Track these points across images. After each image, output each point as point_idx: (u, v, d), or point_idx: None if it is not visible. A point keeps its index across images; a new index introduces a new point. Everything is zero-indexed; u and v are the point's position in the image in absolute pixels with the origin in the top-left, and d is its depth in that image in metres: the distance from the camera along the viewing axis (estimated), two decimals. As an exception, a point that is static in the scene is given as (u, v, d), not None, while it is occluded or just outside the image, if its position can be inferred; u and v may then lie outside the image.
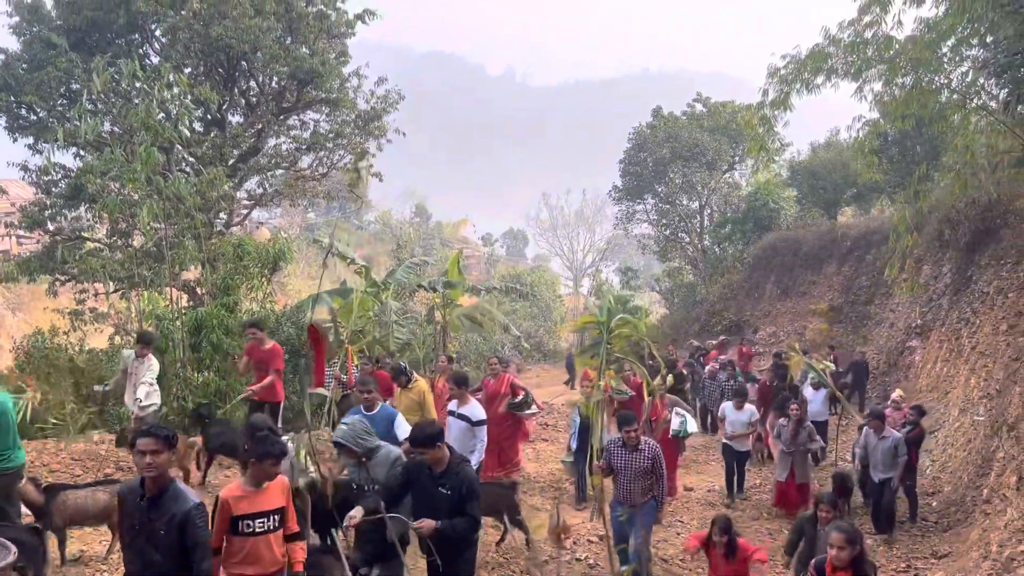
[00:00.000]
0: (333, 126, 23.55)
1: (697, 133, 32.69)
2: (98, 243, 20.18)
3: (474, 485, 5.44)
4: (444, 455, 5.49)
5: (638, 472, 7.35)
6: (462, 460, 5.57)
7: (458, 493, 5.38)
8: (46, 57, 19.07)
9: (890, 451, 10.07)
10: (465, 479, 5.43)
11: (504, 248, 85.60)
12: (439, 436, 5.52)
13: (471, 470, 5.54)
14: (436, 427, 5.65)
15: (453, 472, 5.46)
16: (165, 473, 4.35)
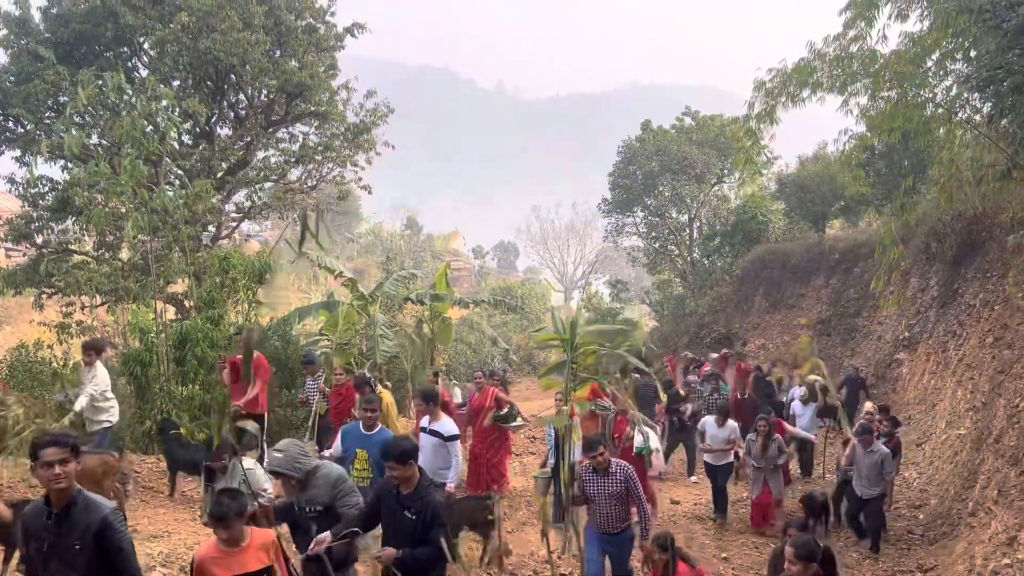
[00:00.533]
0: (322, 139, 23.57)
1: (686, 146, 32.83)
2: (85, 256, 20.10)
3: (439, 511, 5.16)
4: (414, 476, 5.24)
5: (611, 497, 6.98)
6: (431, 484, 5.33)
7: (423, 519, 5.11)
8: (34, 70, 19.03)
9: (876, 466, 9.81)
10: (430, 504, 5.15)
11: (495, 260, 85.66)
12: (413, 454, 5.28)
13: (437, 496, 5.30)
14: (412, 443, 5.42)
15: (419, 496, 5.18)
16: (72, 484, 3.96)
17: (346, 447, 7.02)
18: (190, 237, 17.71)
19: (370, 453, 6.82)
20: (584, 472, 7.14)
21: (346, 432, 7.18)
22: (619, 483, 6.95)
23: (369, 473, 6.79)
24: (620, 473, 6.99)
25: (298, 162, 23.45)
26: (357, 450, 6.95)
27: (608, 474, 6.97)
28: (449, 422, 7.92)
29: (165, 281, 17.25)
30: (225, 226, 23.47)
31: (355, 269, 66.55)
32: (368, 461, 6.85)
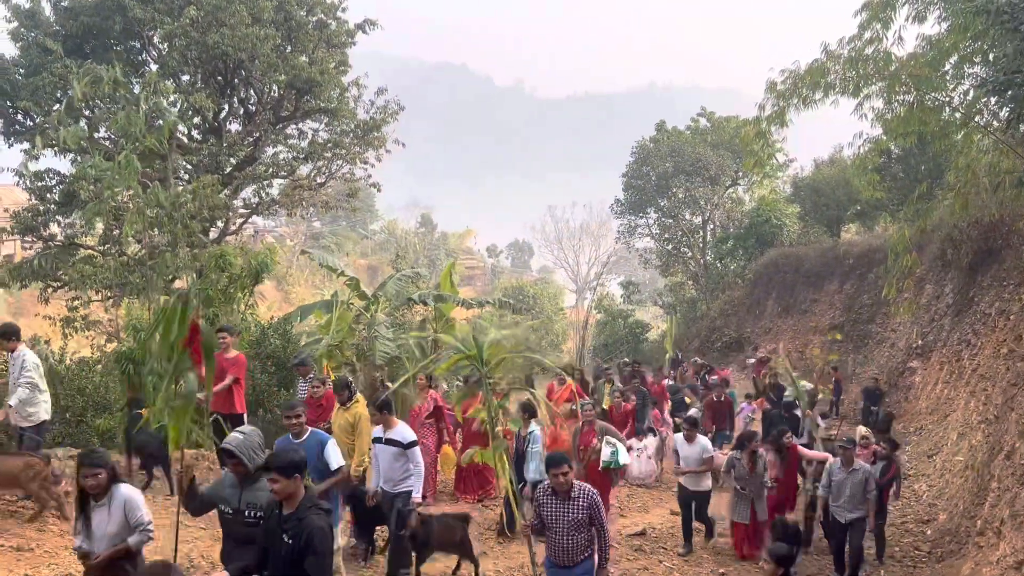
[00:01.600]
0: (332, 136, 23.41)
1: (701, 148, 32.56)
2: (91, 250, 20.02)
3: (315, 539, 4.45)
4: (296, 492, 4.61)
5: (572, 525, 5.92)
6: (313, 506, 4.62)
7: (297, 544, 4.45)
8: (42, 63, 18.98)
9: (859, 485, 8.92)
10: (308, 528, 4.47)
11: (509, 259, 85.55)
12: (300, 466, 4.64)
13: (320, 521, 4.53)
14: (301, 454, 4.78)
15: (298, 517, 4.54)
16: None
17: None
18: (194, 233, 17.61)
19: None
20: (542, 494, 6.11)
21: (277, 446, 6.57)
22: (582, 509, 5.93)
23: (308, 482, 6.53)
24: (585, 499, 5.93)
25: (307, 159, 23.28)
26: None
27: (570, 499, 5.93)
28: (406, 428, 7.54)
29: (171, 277, 17.13)
30: (233, 222, 23.37)
31: (368, 266, 66.82)
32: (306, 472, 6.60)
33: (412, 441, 7.38)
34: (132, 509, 5.26)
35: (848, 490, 8.89)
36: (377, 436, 7.56)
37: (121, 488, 5.31)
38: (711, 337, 28.43)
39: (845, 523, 8.98)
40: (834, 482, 9.04)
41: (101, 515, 5.22)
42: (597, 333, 37.49)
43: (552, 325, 45.61)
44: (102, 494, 5.24)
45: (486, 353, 6.78)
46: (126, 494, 5.31)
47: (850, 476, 8.92)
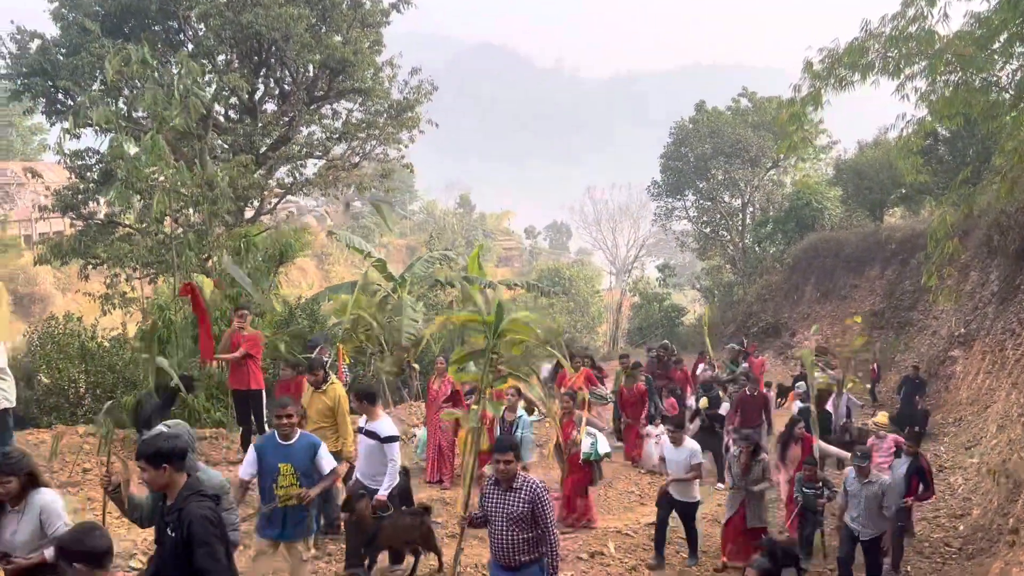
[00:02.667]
0: (366, 116, 23.43)
1: (741, 129, 31.95)
2: (129, 228, 20.33)
3: (196, 528, 4.03)
4: (172, 482, 4.19)
5: (510, 519, 5.35)
6: (191, 495, 4.17)
7: (180, 537, 4.07)
8: (81, 42, 19.26)
9: (875, 499, 7.89)
10: (188, 519, 4.05)
11: (547, 241, 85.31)
12: (169, 455, 4.18)
13: (199, 509, 4.09)
14: (173, 443, 4.28)
15: (177, 508, 4.14)
16: None
17: (264, 463, 5.92)
18: (229, 212, 17.76)
19: (295, 464, 5.87)
20: (488, 484, 5.61)
21: (260, 446, 6.05)
22: (523, 503, 5.34)
23: (299, 488, 5.87)
24: (528, 491, 5.34)
25: (341, 139, 23.37)
26: (278, 464, 5.87)
27: (512, 490, 5.38)
28: (388, 422, 7.03)
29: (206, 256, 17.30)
30: (268, 201, 23.57)
31: (407, 246, 67.02)
32: (295, 475, 5.87)
33: (390, 436, 6.87)
34: (50, 517, 4.79)
35: (863, 503, 7.95)
36: (359, 427, 7.19)
37: (40, 494, 4.83)
38: (747, 322, 27.97)
39: (858, 539, 8.05)
40: (849, 493, 8.14)
41: (12, 522, 4.74)
42: (632, 316, 37.20)
43: (588, 308, 45.39)
44: (16, 500, 4.77)
45: (503, 324, 6.33)
46: (44, 501, 4.83)
47: (865, 488, 7.96)
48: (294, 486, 5.82)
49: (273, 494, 5.85)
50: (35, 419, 11.40)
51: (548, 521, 5.37)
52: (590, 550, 8.20)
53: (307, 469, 5.87)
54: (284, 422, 5.89)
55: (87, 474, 8.78)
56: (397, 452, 6.90)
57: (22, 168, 37.29)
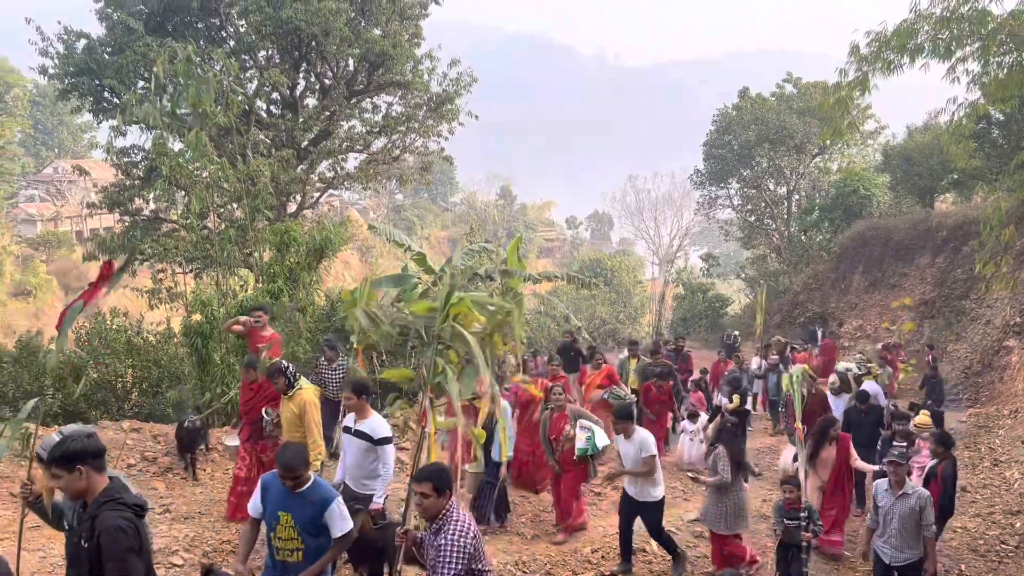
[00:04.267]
0: (406, 109, 23.47)
1: (786, 115, 31.31)
2: (174, 224, 20.67)
3: (104, 540, 3.59)
4: (89, 487, 3.73)
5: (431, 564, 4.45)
6: (107, 502, 3.70)
7: (91, 547, 3.63)
8: (126, 41, 19.59)
9: (911, 516, 6.56)
10: (98, 529, 3.61)
11: (588, 231, 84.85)
12: (81, 455, 3.72)
13: (112, 519, 3.63)
14: (84, 441, 3.82)
15: (90, 516, 3.69)
16: None
17: (266, 504, 5.00)
18: (271, 207, 17.92)
19: (296, 517, 4.88)
20: None
21: (266, 483, 5.07)
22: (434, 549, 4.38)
23: (300, 544, 4.88)
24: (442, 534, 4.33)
25: (381, 132, 23.44)
26: (279, 513, 4.90)
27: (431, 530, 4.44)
28: (380, 422, 6.46)
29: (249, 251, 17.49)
30: (310, 196, 23.77)
31: (449, 238, 67.25)
32: (295, 528, 4.87)
33: (383, 437, 6.32)
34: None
35: (896, 521, 6.59)
36: (347, 425, 6.57)
37: None
38: (793, 312, 27.46)
39: (892, 565, 6.71)
40: (879, 509, 6.75)
41: None
42: (676, 307, 36.80)
43: (630, 298, 45.03)
44: None
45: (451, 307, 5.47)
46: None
47: (899, 502, 6.61)
48: (294, 540, 4.88)
49: (271, 544, 4.99)
50: (83, 414, 11.61)
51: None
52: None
53: (311, 525, 4.86)
54: (288, 483, 4.86)
55: (131, 468, 8.92)
56: (391, 455, 6.40)
57: (72, 165, 38.20)
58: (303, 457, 4.94)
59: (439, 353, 5.59)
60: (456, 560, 4.19)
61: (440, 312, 5.57)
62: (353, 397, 6.42)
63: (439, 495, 4.29)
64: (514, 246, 12.52)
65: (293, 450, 5.01)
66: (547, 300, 15.87)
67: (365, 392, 6.46)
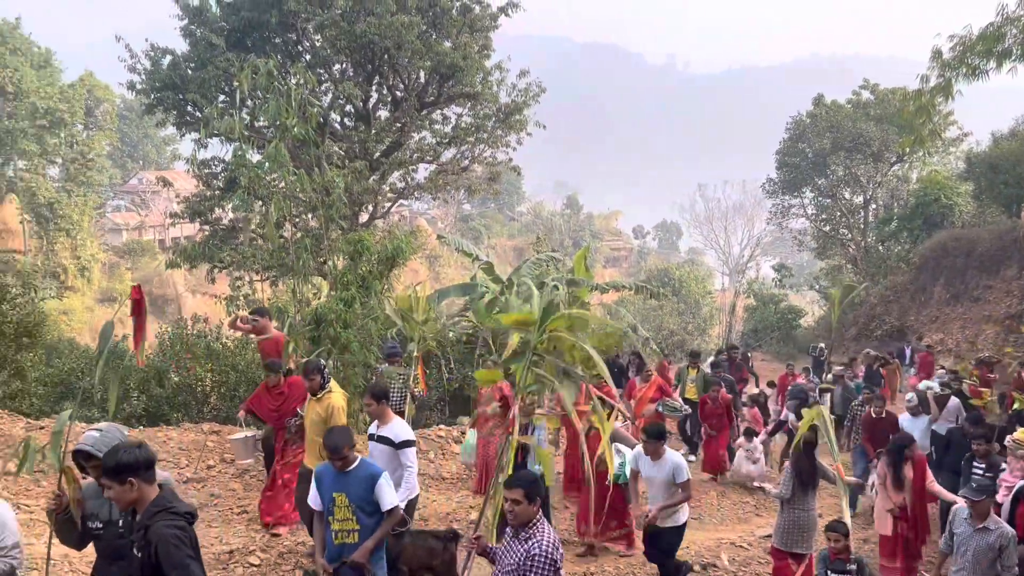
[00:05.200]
0: (475, 120, 23.69)
1: (863, 122, 30.56)
2: (252, 233, 21.29)
3: (163, 550, 3.58)
4: (141, 497, 3.72)
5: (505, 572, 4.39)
6: (161, 511, 3.70)
7: (147, 559, 3.63)
8: (208, 57, 20.30)
9: (988, 552, 5.94)
10: (155, 540, 3.61)
11: (656, 241, 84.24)
12: (134, 467, 3.70)
13: (168, 528, 3.64)
14: (135, 452, 3.77)
15: (143, 526, 3.68)
16: None
17: (322, 491, 5.30)
18: (344, 217, 18.32)
19: (350, 495, 5.19)
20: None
21: (319, 473, 5.39)
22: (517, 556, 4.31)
23: (356, 524, 5.18)
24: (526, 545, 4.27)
25: (451, 143, 23.70)
26: (334, 495, 5.20)
27: (517, 538, 4.37)
28: (401, 425, 6.39)
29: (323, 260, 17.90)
30: (381, 206, 24.19)
31: (515, 247, 67.62)
32: (350, 508, 5.18)
33: (405, 440, 6.20)
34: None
35: (971, 555, 6.03)
36: (370, 432, 6.47)
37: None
38: (870, 325, 26.71)
39: None
40: (956, 536, 6.20)
41: None
42: (747, 318, 36.17)
43: (699, 309, 44.44)
44: None
45: (549, 322, 5.48)
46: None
47: (977, 536, 6.02)
48: (350, 520, 5.17)
49: (330, 530, 5.23)
50: (165, 416, 12.04)
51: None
52: (703, 561, 7.98)
53: (364, 503, 5.16)
54: (337, 463, 5.19)
55: (211, 470, 9.21)
56: (413, 458, 6.27)
57: (156, 176, 39.77)
58: (348, 438, 5.22)
59: (534, 364, 5.65)
60: (547, 572, 4.19)
61: (537, 326, 5.59)
62: (373, 402, 6.31)
63: (530, 503, 4.28)
64: (581, 256, 12.42)
65: (339, 432, 5.31)
66: (614, 310, 15.79)
67: (384, 397, 6.38)
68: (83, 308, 41.35)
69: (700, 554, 8.20)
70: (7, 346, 11.62)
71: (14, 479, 8.28)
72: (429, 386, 12.59)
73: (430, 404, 14.33)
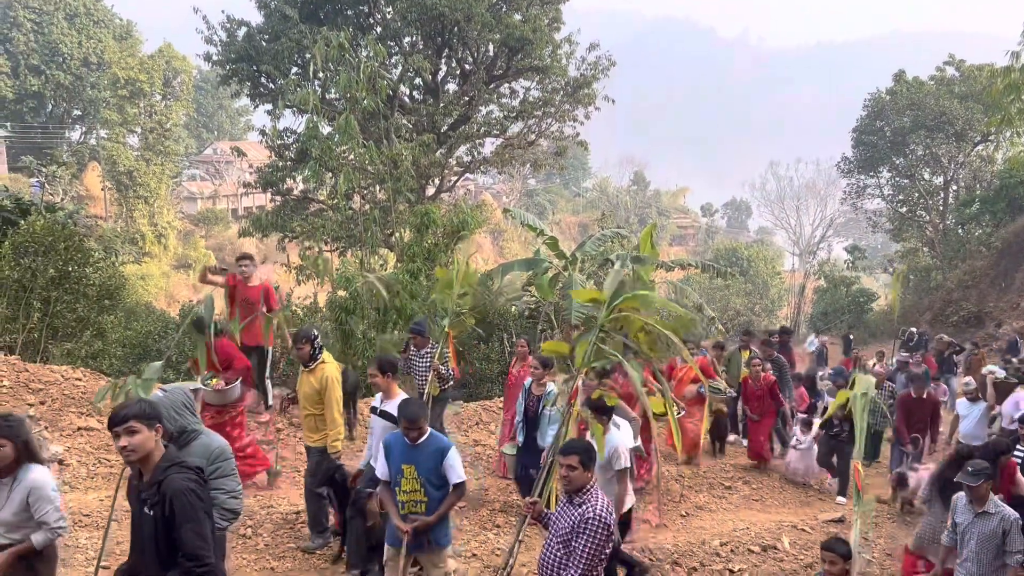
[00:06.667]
0: (543, 94, 23.59)
1: (946, 100, 29.32)
2: (322, 204, 21.69)
3: (178, 503, 3.49)
4: (150, 448, 3.61)
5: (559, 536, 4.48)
6: (171, 466, 3.61)
7: (161, 515, 3.52)
8: (282, 28, 20.63)
9: (991, 540, 5.59)
10: (168, 493, 3.50)
11: (724, 219, 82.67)
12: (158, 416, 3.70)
13: (182, 481, 3.56)
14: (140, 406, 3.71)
15: (156, 481, 3.57)
16: None
17: (391, 463, 5.23)
18: (411, 189, 18.50)
19: (419, 468, 5.13)
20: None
21: (388, 443, 5.29)
22: (571, 521, 4.41)
23: (423, 496, 5.14)
24: (580, 510, 4.37)
25: (518, 117, 23.69)
26: (402, 466, 5.16)
27: (571, 503, 4.46)
28: None
29: (390, 231, 18.13)
30: (448, 179, 24.35)
31: (579, 223, 67.29)
32: (419, 480, 5.13)
33: None
34: (38, 500, 4.29)
35: (975, 543, 5.64)
36: (373, 406, 6.18)
37: (31, 471, 4.32)
38: (946, 311, 25.79)
39: None
40: (957, 526, 5.83)
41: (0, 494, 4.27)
42: (816, 300, 35.37)
43: (767, 290, 43.63)
44: (7, 471, 4.27)
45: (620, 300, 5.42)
46: (34, 479, 4.31)
47: (978, 521, 5.67)
48: (417, 492, 5.14)
49: (396, 500, 5.20)
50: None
51: (581, 556, 4.28)
52: (763, 543, 7.90)
53: (433, 475, 5.12)
54: (413, 435, 5.10)
55: (280, 432, 9.49)
56: None
57: (230, 147, 40.71)
58: (424, 409, 5.22)
59: (602, 341, 5.65)
60: (601, 536, 4.30)
61: (607, 305, 5.59)
62: (378, 374, 6.00)
63: (585, 469, 4.40)
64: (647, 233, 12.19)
65: (416, 403, 5.31)
66: (679, 288, 15.61)
67: (391, 370, 6.07)
68: (159, 274, 42.75)
69: (760, 535, 8.11)
70: (89, 308, 12.08)
71: (98, 435, 8.68)
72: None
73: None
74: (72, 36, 47.42)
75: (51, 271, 11.25)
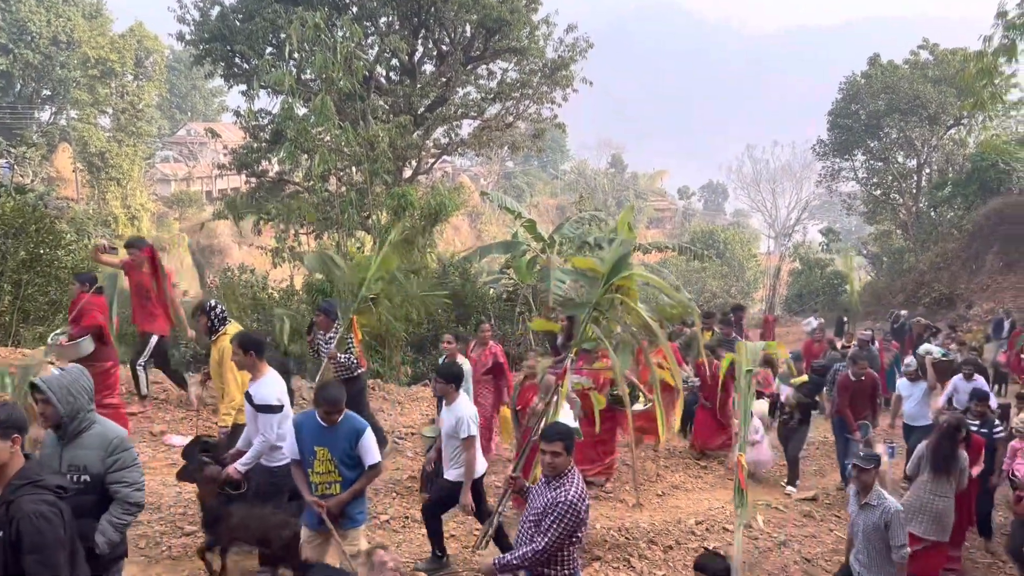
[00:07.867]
0: (520, 75, 23.50)
1: (920, 84, 29.58)
2: (297, 186, 21.50)
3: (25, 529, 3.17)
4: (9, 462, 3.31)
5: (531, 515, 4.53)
6: (25, 485, 3.27)
7: (7, 537, 3.20)
8: (256, 8, 20.34)
9: (875, 532, 5.54)
10: (16, 516, 3.19)
11: (701, 202, 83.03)
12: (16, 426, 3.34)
13: (33, 504, 3.22)
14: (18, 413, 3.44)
15: (5, 500, 3.24)
16: None
17: (302, 444, 5.01)
18: (388, 171, 18.40)
19: (332, 450, 4.95)
20: None
21: (299, 423, 5.08)
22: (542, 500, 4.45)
23: (338, 476, 4.98)
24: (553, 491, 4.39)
25: (496, 99, 23.58)
26: (315, 448, 4.96)
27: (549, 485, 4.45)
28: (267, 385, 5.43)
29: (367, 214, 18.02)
30: (425, 162, 24.22)
31: (557, 206, 67.25)
32: (332, 461, 4.96)
33: (263, 405, 5.38)
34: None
35: (861, 535, 5.64)
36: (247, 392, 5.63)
37: None
38: (918, 292, 26.16)
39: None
40: (851, 516, 5.84)
41: None
42: (792, 283, 35.72)
43: (743, 272, 43.99)
44: None
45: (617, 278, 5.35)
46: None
47: (863, 513, 5.61)
48: (331, 473, 4.98)
49: (310, 480, 5.01)
50: (211, 363, 12.31)
51: (545, 535, 4.29)
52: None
53: (347, 457, 4.96)
54: (333, 417, 4.91)
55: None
56: (272, 426, 5.38)
57: (204, 128, 40.19)
58: (343, 391, 5.01)
59: (594, 321, 5.54)
60: (569, 520, 4.28)
61: (603, 283, 5.47)
62: (240, 352, 5.44)
63: (568, 454, 4.41)
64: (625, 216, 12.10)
65: (335, 386, 5.08)
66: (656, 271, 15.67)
67: (254, 348, 5.46)
68: (133, 257, 42.24)
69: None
70: (61, 291, 11.94)
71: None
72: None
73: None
74: (40, 14, 46.35)
75: (22, 253, 11.09)
